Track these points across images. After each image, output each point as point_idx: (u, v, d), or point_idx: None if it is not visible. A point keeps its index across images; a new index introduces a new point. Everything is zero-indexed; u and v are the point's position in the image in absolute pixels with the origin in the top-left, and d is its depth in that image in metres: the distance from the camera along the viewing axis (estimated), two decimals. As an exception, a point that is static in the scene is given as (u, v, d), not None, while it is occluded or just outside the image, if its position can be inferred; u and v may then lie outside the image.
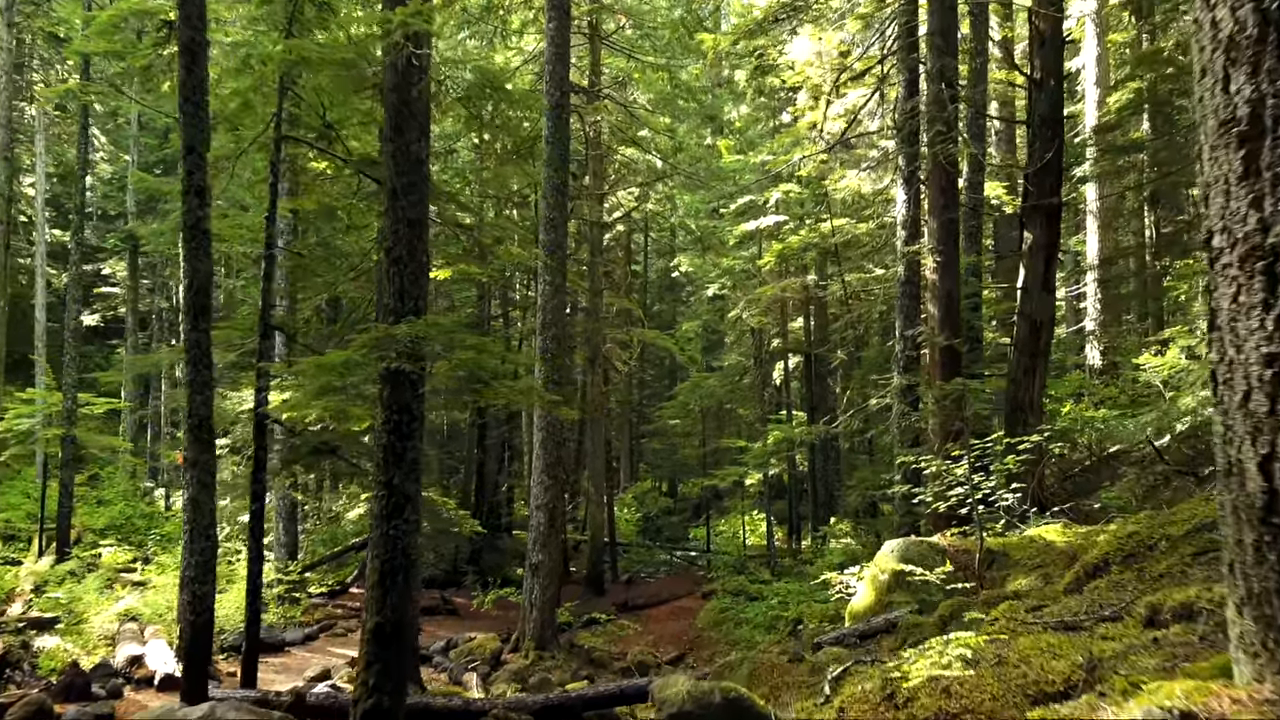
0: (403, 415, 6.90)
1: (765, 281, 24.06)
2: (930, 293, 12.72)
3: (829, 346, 23.95)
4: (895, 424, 12.98)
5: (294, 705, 7.32)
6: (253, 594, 8.92)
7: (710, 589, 20.02)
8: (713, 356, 34.27)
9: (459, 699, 8.24)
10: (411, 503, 6.91)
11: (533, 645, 14.04)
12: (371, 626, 6.69)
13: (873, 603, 8.63)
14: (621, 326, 26.62)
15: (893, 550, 8.68)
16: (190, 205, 8.28)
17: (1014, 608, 5.20)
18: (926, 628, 6.99)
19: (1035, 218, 12.23)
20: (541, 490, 14.29)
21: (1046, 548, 8.06)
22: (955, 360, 12.47)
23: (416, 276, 7.04)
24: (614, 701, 8.22)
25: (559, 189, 14.37)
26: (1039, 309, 12.14)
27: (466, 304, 27.59)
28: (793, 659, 7.45)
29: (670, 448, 32.26)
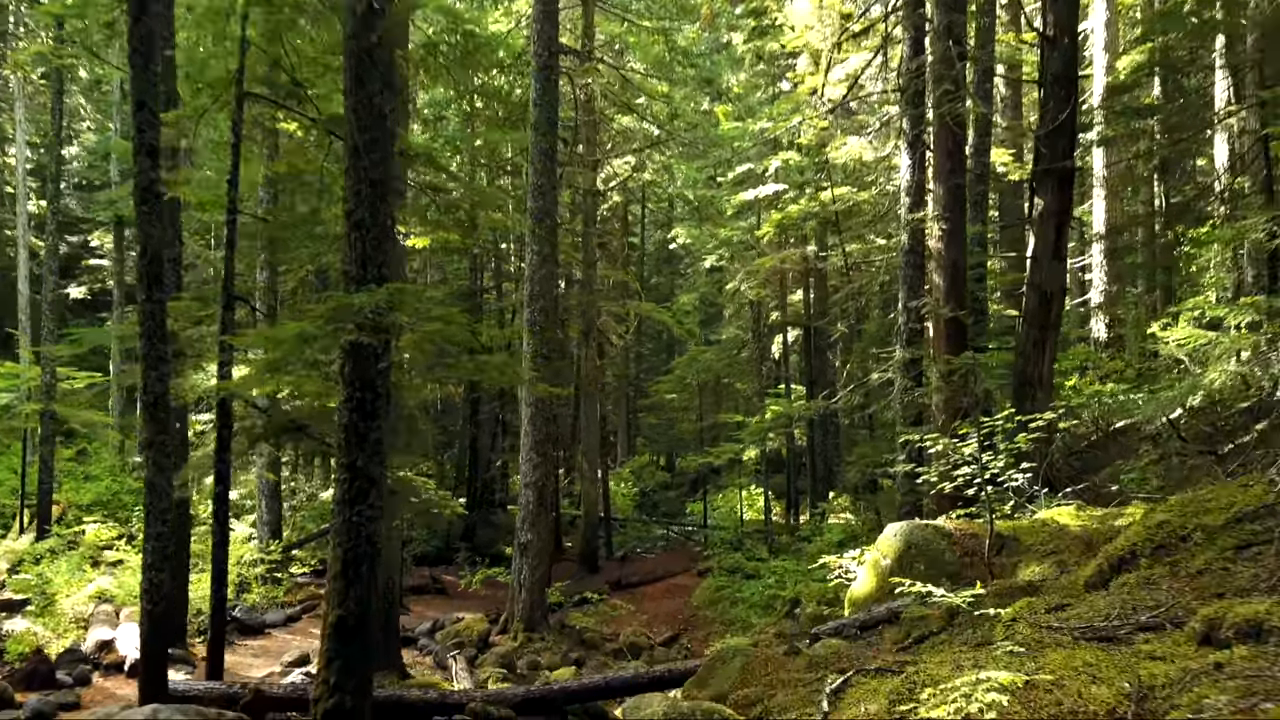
0: (366, 392, 6.37)
1: (764, 253, 23.45)
2: (935, 262, 12.15)
3: (829, 319, 23.38)
4: (897, 399, 12.44)
5: (253, 703, 6.84)
6: (218, 580, 8.42)
7: (706, 566, 19.61)
8: (710, 330, 33.70)
9: (435, 691, 7.77)
10: (376, 487, 6.39)
11: (522, 627, 13.61)
12: (333, 620, 6.19)
13: (874, 589, 8.14)
14: (617, 299, 26.06)
15: (895, 534, 8.18)
16: (142, 166, 7.70)
17: (1033, 606, 4.69)
18: (932, 620, 6.50)
19: (1046, 182, 11.63)
20: (531, 468, 13.80)
21: (1059, 532, 7.55)
22: (961, 333, 11.92)
23: (379, 241, 6.47)
24: (598, 695, 7.76)
25: (547, 154, 13.75)
26: (1049, 279, 11.57)
27: (458, 276, 27.00)
28: (789, 651, 6.97)
29: (667, 422, 31.76)
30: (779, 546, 19.44)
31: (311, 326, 5.94)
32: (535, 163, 13.76)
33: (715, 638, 15.50)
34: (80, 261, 34.00)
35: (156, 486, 7.65)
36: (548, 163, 13.79)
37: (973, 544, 7.80)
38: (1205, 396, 8.97)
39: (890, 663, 4.98)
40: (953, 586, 7.48)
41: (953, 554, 7.72)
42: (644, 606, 17.77)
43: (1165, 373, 20.32)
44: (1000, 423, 7.69)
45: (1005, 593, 6.27)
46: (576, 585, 18.96)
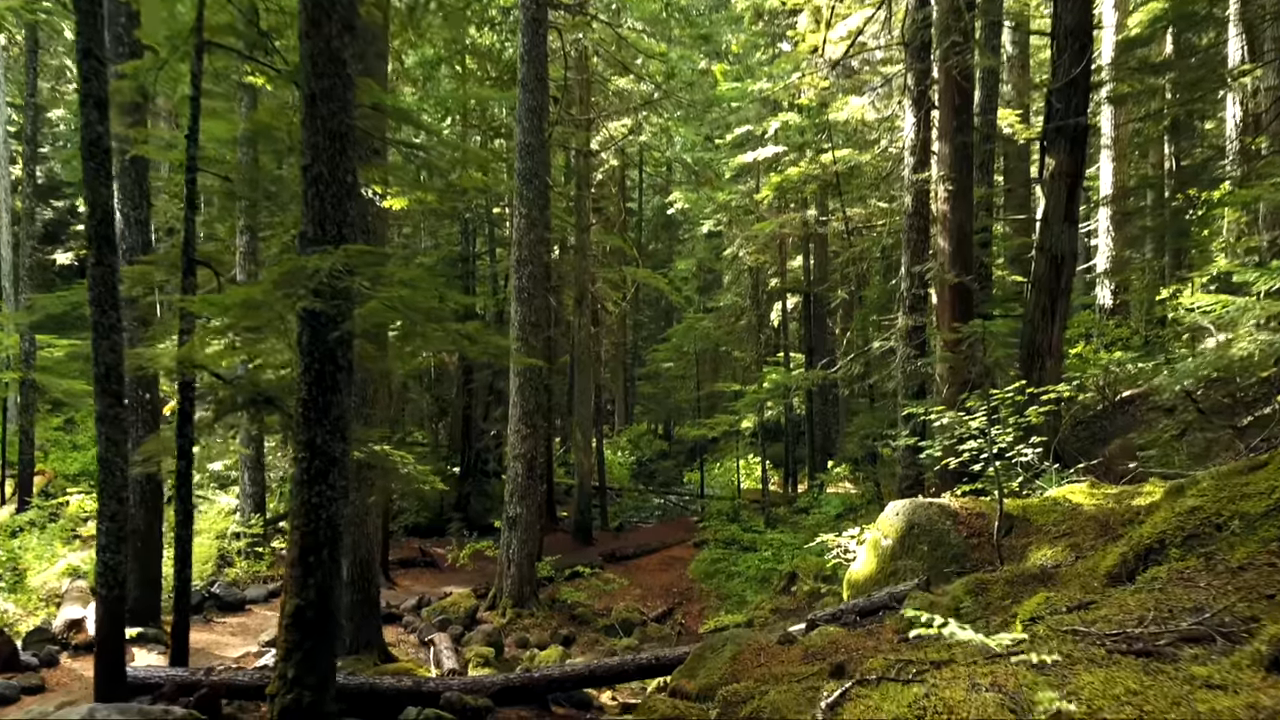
0: (325, 364, 5.86)
1: (763, 217, 22.85)
2: (940, 225, 11.60)
3: (829, 285, 22.82)
4: (899, 369, 11.96)
5: (208, 697, 6.40)
6: (181, 562, 7.96)
7: (702, 538, 19.23)
8: (709, 297, 33.11)
9: (409, 679, 7.35)
10: (338, 466, 5.90)
11: (510, 603, 13.23)
12: (291, 610, 5.73)
13: (875, 571, 7.69)
14: (614, 265, 25.49)
15: (897, 513, 7.72)
16: (89, 119, 7.13)
17: (1051, 602, 4.23)
18: (938, 608, 6.04)
19: (1058, 141, 11.04)
20: (519, 439, 13.33)
21: (1073, 512, 7.08)
22: (967, 300, 11.40)
23: (340, 199, 5.94)
24: (582, 683, 7.34)
25: (535, 112, 13.14)
26: (1060, 243, 11.01)
27: (451, 241, 26.38)
28: (783, 640, 6.52)
29: (665, 391, 31.29)
30: (776, 519, 19.04)
31: (258, 292, 5.42)
32: (523, 121, 13.15)
33: (710, 613, 15.15)
34: (68, 227, 33.34)
35: (110, 464, 7.16)
36: (536, 121, 13.18)
37: (979, 524, 7.34)
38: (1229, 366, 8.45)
39: (893, 662, 4.52)
40: (958, 569, 7.04)
41: (958, 535, 7.27)
42: (638, 579, 17.40)
43: (1173, 340, 19.85)
44: (1010, 395, 7.20)
45: (1017, 580, 5.81)
46: (569, 558, 18.57)
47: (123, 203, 11.18)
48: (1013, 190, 21.82)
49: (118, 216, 11.36)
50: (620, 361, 36.32)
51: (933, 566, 7.21)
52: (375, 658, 10.36)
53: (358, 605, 10.29)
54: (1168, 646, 3.08)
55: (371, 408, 10.27)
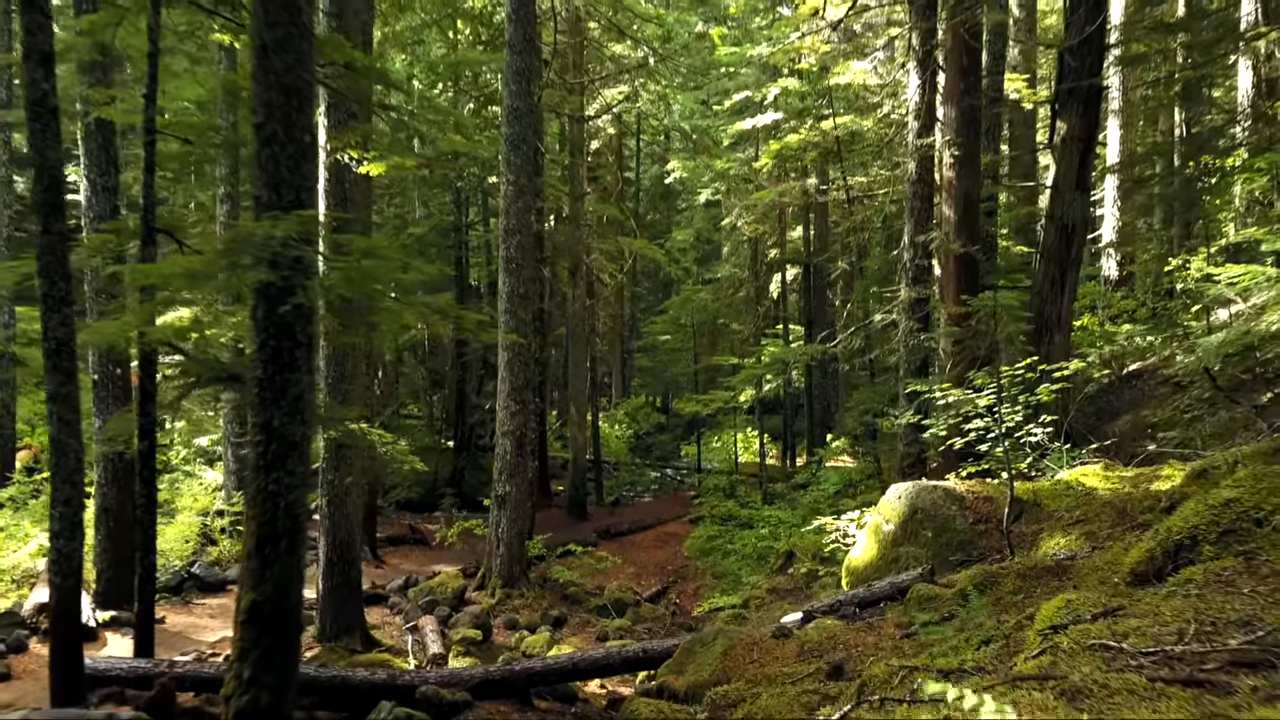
0: (283, 340, 5.40)
1: (762, 186, 22.29)
2: (945, 193, 11.10)
3: (829, 256, 22.30)
4: (902, 343, 11.50)
5: (158, 700, 6.01)
6: (145, 547, 7.56)
7: (699, 514, 18.89)
8: (707, 268, 32.57)
9: (384, 672, 6.97)
10: (298, 450, 5.46)
11: (500, 583, 12.86)
12: (247, 605, 5.32)
13: (875, 558, 7.29)
14: (610, 236, 24.95)
15: (900, 496, 7.30)
16: (34, 76, 6.61)
17: (1073, 607, 3.80)
18: (943, 603, 5.64)
19: (1071, 104, 10.51)
20: (508, 415, 12.91)
21: (1087, 497, 6.66)
22: (973, 270, 10.94)
23: (297, 161, 5.44)
24: (566, 676, 6.95)
25: (523, 75, 12.58)
26: (1071, 211, 10.52)
27: (443, 211, 25.83)
28: (777, 634, 6.13)
29: (662, 364, 30.85)
30: (774, 494, 18.68)
31: (199, 263, 4.95)
32: (510, 84, 12.59)
33: (705, 591, 14.80)
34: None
35: (63, 445, 6.73)
36: (524, 84, 12.63)
37: (987, 509, 6.92)
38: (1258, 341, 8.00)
39: (896, 669, 4.11)
40: (964, 558, 6.63)
41: (964, 521, 6.85)
42: (632, 557, 17.06)
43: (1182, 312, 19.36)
44: (1020, 371, 6.76)
45: (1029, 573, 5.40)
46: (563, 534, 18.22)
47: (89, 169, 10.69)
48: (1018, 158, 21.26)
49: (83, 184, 10.89)
50: (618, 334, 35.85)
51: (937, 554, 6.80)
52: (357, 642, 10.01)
53: (338, 588, 9.92)
54: (1218, 673, 2.66)
55: (350, 384, 9.84)
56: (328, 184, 9.71)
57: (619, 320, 35.94)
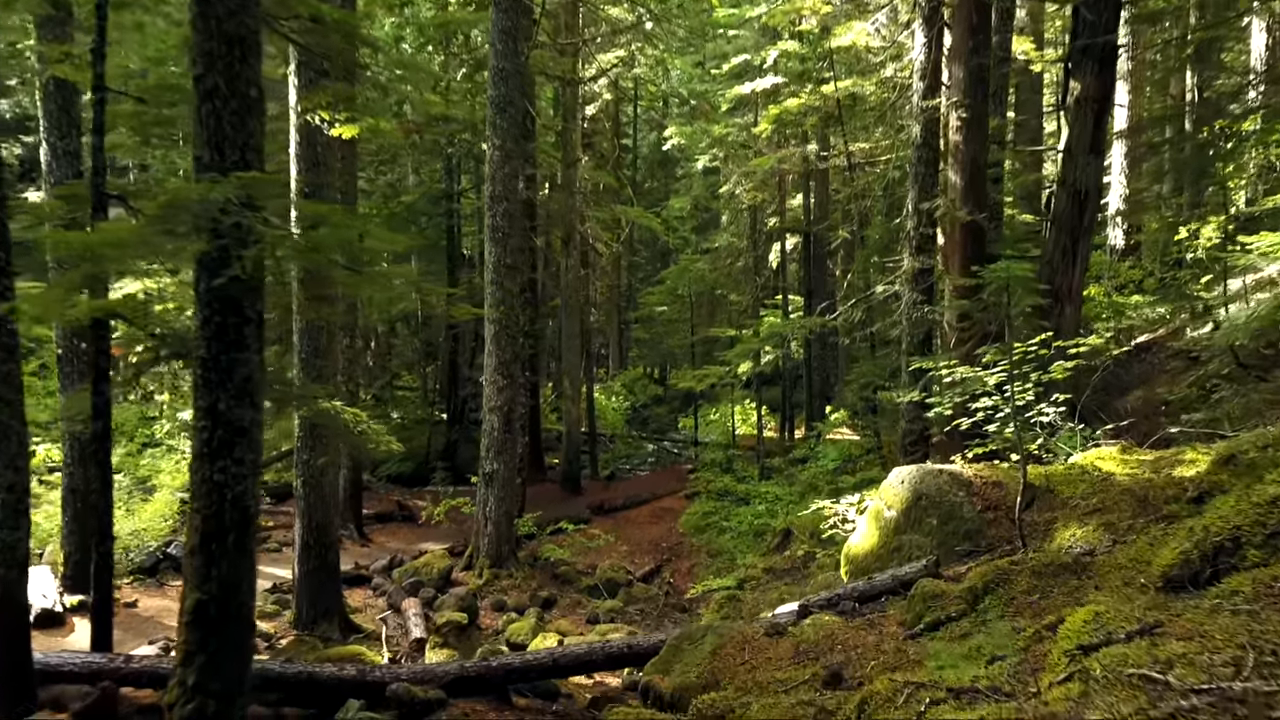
0: (228, 315, 4.92)
1: (761, 152, 21.66)
2: (952, 157, 10.55)
3: (829, 224, 21.71)
4: (904, 315, 11.02)
5: (96, 707, 5.58)
6: (102, 533, 7.12)
7: (695, 489, 18.48)
8: (705, 237, 31.97)
9: (353, 667, 6.56)
10: (247, 436, 5.00)
11: (487, 563, 12.47)
12: (191, 606, 4.87)
13: (876, 546, 6.85)
14: (606, 204, 24.36)
15: (903, 480, 6.85)
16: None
17: (1103, 622, 3.35)
18: (950, 601, 5.20)
19: (1085, 63, 9.95)
20: (495, 391, 12.44)
21: (1104, 483, 6.21)
22: (979, 239, 10.42)
23: (241, 117, 4.92)
24: (546, 673, 6.54)
25: (509, 34, 11.98)
26: (1084, 175, 10.00)
27: (434, 179, 25.19)
28: (770, 631, 5.70)
29: (658, 336, 30.35)
30: (771, 468, 18.26)
31: (127, 231, 4.45)
32: (496, 44, 11.99)
33: (700, 570, 14.42)
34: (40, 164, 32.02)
35: (4, 428, 6.27)
36: (510, 44, 12.03)
37: (995, 495, 6.47)
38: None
39: (901, 685, 3.67)
40: (971, 547, 6.19)
41: (971, 508, 6.40)
42: (626, 533, 16.68)
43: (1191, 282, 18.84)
44: (1034, 347, 6.27)
45: (1045, 570, 4.95)
46: (556, 509, 17.84)
47: (49, 131, 10.15)
48: (1024, 123, 20.65)
49: (44, 147, 10.35)
50: (614, 304, 35.30)
51: (942, 543, 6.36)
52: (335, 627, 9.62)
53: (315, 572, 9.50)
54: (1295, 725, 2.20)
55: (325, 359, 9.36)
56: (299, 147, 9.17)
57: (616, 290, 35.38)
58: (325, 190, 9.23)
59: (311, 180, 9.14)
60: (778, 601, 11.18)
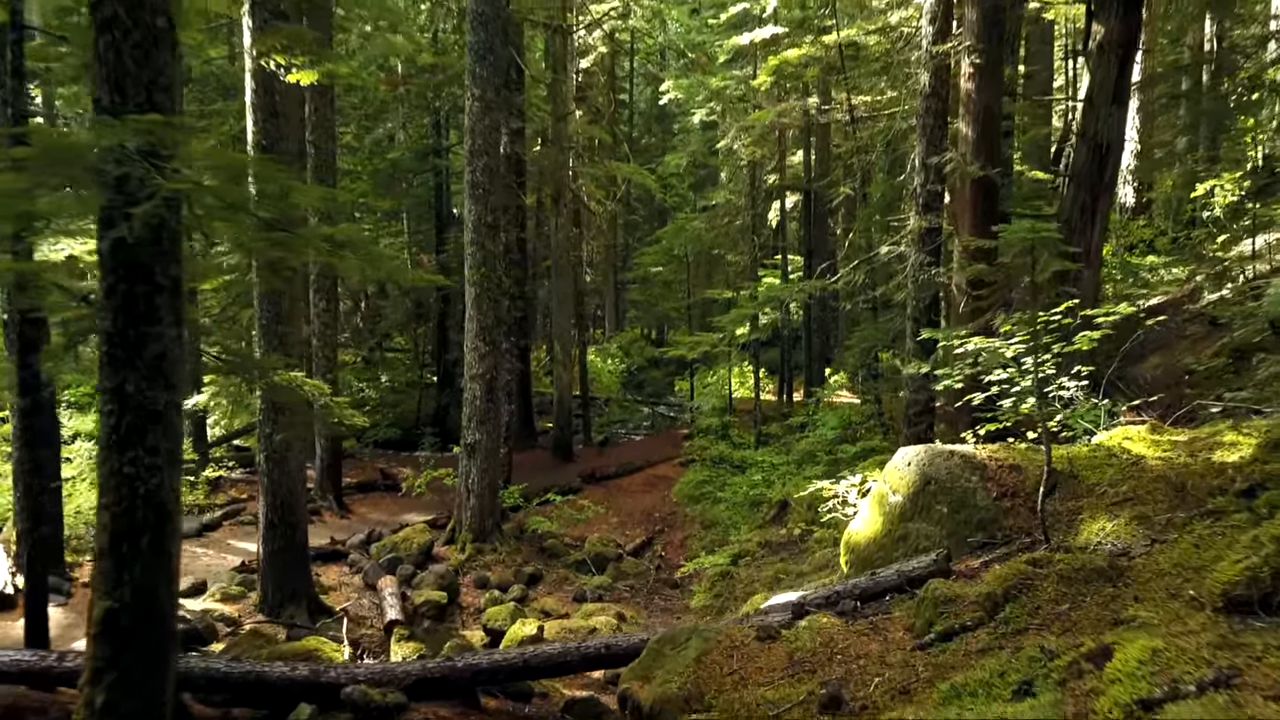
0: (136, 283, 4.27)
1: (759, 106, 20.79)
2: (963, 108, 9.80)
3: (830, 181, 20.91)
4: (910, 278, 10.33)
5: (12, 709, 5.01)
6: (35, 516, 6.55)
7: (689, 457, 17.91)
8: (703, 195, 31.10)
9: (306, 667, 5.99)
10: (161, 422, 4.36)
11: (470, 537, 11.93)
12: (100, 616, 4.28)
13: (880, 534, 6.25)
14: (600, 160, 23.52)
15: (909, 462, 6.23)
16: None
17: (1165, 662, 2.74)
18: (964, 608, 4.59)
19: (1109, 5, 9.19)
20: (477, 358, 11.80)
21: (1133, 466, 5.59)
22: (991, 197, 9.72)
23: (146, 52, 4.22)
24: (516, 674, 5.97)
25: (489, -27, 11.16)
26: (1106, 128, 9.28)
27: (421, 133, 24.31)
28: (762, 635, 5.11)
29: (653, 298, 29.61)
30: (769, 436, 17.69)
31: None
32: (474, -15, 11.18)
33: (693, 542, 13.89)
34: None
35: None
36: (490, -15, 11.21)
37: (1012, 480, 5.85)
38: None
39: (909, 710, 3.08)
40: (986, 539, 5.58)
41: (986, 494, 5.78)
42: (618, 503, 16.14)
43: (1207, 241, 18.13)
44: (1058, 316, 5.61)
45: (1075, 576, 4.34)
46: (546, 477, 17.29)
47: (-14, 80, 9.37)
48: (1033, 75, 19.79)
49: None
50: (611, 264, 34.52)
51: (953, 533, 5.76)
52: (303, 611, 9.07)
53: (280, 553, 8.94)
54: None
55: (287, 325, 8.70)
56: (255, 96, 8.44)
57: (612, 250, 34.59)
58: (285, 143, 8.52)
59: (269, 132, 8.42)
60: (773, 580, 10.65)
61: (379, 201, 26.95)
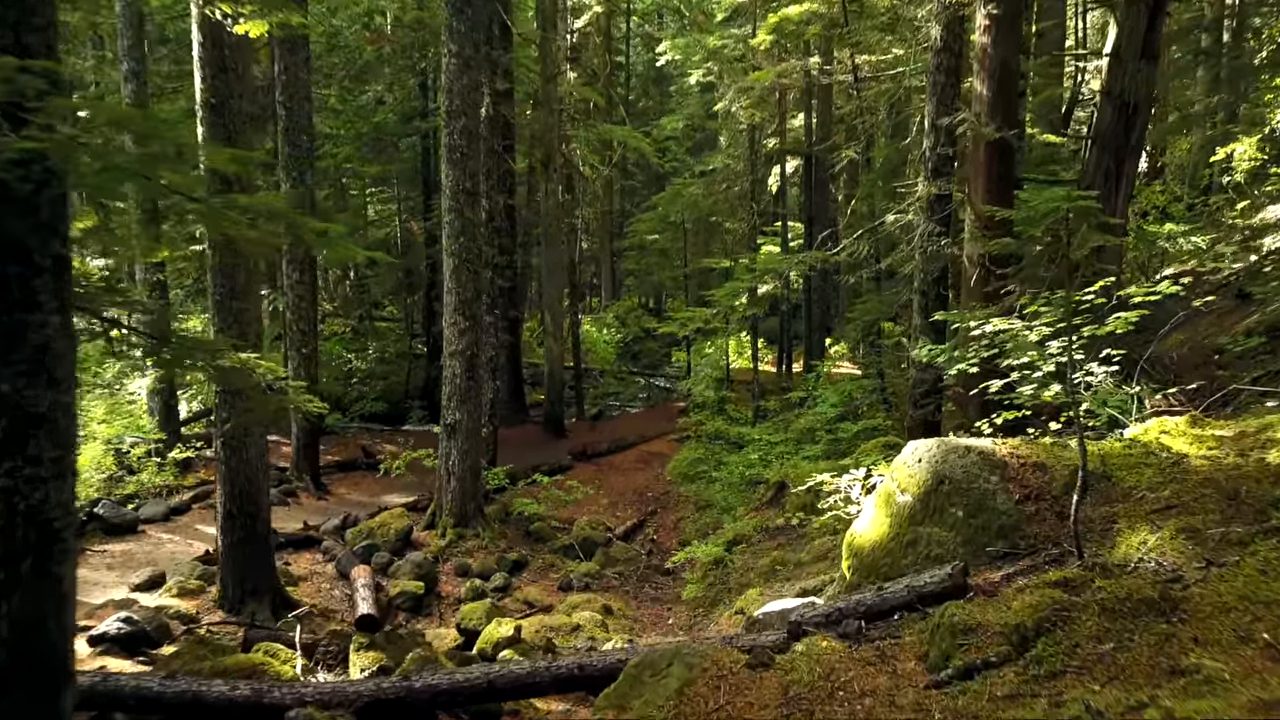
0: (9, 264, 3.59)
1: (759, 66, 19.91)
2: (979, 63, 9.03)
3: (831, 144, 20.09)
4: (918, 248, 9.63)
5: None
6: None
7: (685, 433, 17.31)
8: (700, 159, 30.22)
9: (247, 687, 5.39)
10: (45, 426, 3.70)
11: (451, 522, 11.33)
12: (-26, 657, 3.63)
13: (886, 538, 5.61)
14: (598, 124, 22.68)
15: (920, 458, 5.57)
16: None
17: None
18: (988, 639, 3.96)
19: (1139, -51, 8.40)
20: (456, 334, 11.13)
21: (1175, 467, 4.94)
22: (1008, 160, 8.99)
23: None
24: (479, 696, 5.36)
25: (465, -82, 10.33)
26: (1134, 85, 8.54)
27: (407, 95, 23.42)
28: (753, 661, 4.49)
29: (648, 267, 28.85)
30: (767, 411, 17.07)
31: None
32: (450, -69, 10.36)
33: (687, 524, 13.30)
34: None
35: None
36: (467, -69, 10.38)
37: (1037, 481, 5.20)
38: None
39: None
40: (1008, 548, 4.95)
41: (1007, 497, 5.14)
42: (609, 482, 15.54)
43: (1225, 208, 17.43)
44: (1091, 297, 4.94)
45: (1120, 606, 3.70)
46: (536, 454, 16.69)
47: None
48: (1045, 33, 18.89)
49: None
50: (607, 231, 33.71)
51: (970, 540, 5.12)
52: (267, 607, 8.48)
53: (239, 545, 8.32)
54: None
55: (244, 301, 8.02)
56: (202, 50, 7.69)
57: (609, 217, 33.78)
58: (238, 101, 7.78)
59: (218, 89, 7.69)
60: (769, 571, 10.05)
61: (366, 167, 26.14)
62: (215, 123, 7.67)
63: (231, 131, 7.71)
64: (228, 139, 7.68)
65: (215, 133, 7.68)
